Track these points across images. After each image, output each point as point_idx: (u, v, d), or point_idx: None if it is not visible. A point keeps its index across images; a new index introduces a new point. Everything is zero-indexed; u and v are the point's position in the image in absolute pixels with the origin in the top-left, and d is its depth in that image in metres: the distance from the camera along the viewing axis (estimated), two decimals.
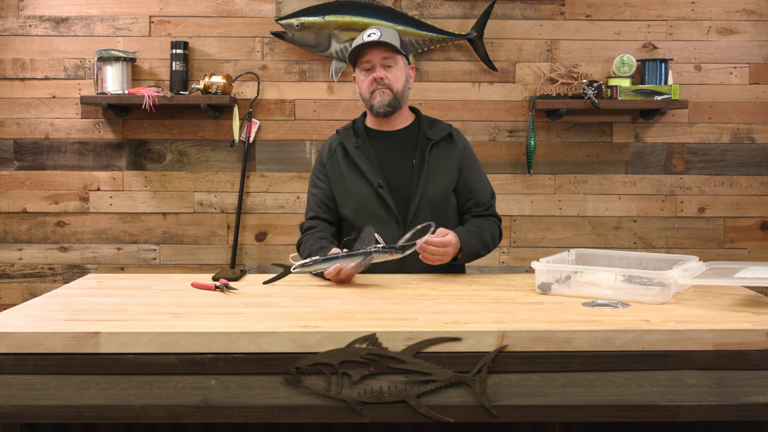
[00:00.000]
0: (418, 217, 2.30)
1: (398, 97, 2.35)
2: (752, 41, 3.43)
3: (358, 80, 2.40)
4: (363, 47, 2.33)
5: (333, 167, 2.40)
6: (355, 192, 2.35)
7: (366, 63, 2.35)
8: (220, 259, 3.48)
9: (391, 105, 2.35)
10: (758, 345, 1.54)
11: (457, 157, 2.41)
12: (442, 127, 2.44)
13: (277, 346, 1.52)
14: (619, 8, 3.43)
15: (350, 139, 2.41)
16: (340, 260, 2.05)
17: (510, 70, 3.45)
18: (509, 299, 1.88)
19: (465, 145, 2.46)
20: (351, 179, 2.36)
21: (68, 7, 3.40)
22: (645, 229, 3.48)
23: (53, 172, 3.45)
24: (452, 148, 2.42)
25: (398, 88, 2.35)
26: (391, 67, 2.35)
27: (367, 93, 2.36)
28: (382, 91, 2.33)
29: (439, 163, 2.38)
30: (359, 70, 2.38)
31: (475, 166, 2.45)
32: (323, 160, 2.44)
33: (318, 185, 2.43)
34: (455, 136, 2.45)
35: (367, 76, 2.35)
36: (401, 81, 2.36)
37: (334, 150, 2.42)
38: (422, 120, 2.46)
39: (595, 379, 1.54)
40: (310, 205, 2.45)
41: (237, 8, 3.42)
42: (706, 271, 1.97)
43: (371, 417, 1.53)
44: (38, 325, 1.59)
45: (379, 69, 2.33)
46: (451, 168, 2.39)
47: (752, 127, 3.46)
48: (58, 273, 3.47)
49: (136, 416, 1.53)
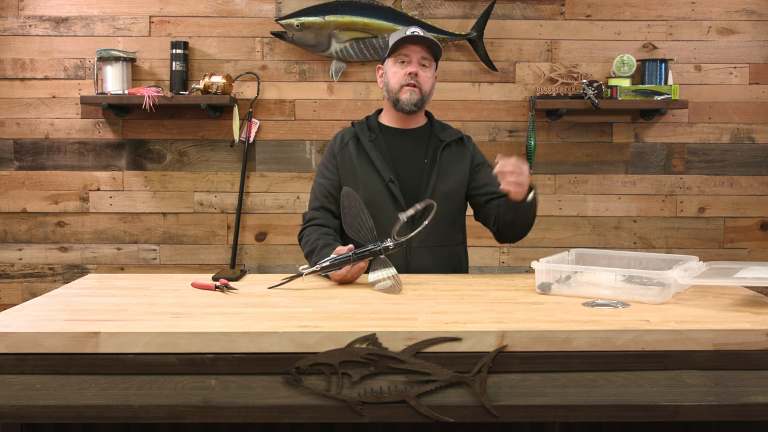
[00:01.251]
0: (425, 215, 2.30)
1: (425, 98, 2.37)
2: (752, 41, 3.43)
3: (388, 71, 2.39)
4: (408, 40, 2.32)
5: (344, 159, 2.40)
6: (366, 185, 2.34)
7: (404, 56, 2.34)
8: (220, 259, 3.48)
9: (417, 105, 2.35)
10: (758, 345, 1.54)
11: (468, 159, 2.42)
12: (453, 131, 2.47)
13: (277, 346, 1.52)
14: (619, 8, 3.43)
15: (365, 133, 2.41)
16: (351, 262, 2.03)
17: (510, 70, 3.45)
18: (509, 299, 1.88)
19: (475, 149, 2.48)
20: (362, 172, 2.36)
21: (68, 7, 3.40)
22: (645, 229, 3.48)
23: (53, 172, 3.45)
24: (463, 150, 2.44)
25: (427, 90, 2.36)
26: (426, 68, 2.36)
27: (396, 86, 2.35)
28: (412, 90, 2.33)
29: (450, 163, 2.39)
30: (393, 60, 2.37)
31: (487, 165, 2.46)
32: (334, 152, 2.43)
33: (326, 175, 2.41)
34: (466, 140, 2.47)
35: (401, 68, 2.35)
36: (430, 84, 2.38)
37: (347, 142, 2.42)
38: (434, 123, 2.48)
39: (595, 379, 1.54)
40: (316, 194, 2.42)
41: (237, 8, 3.42)
42: (706, 271, 1.97)
43: (371, 417, 1.53)
44: (38, 325, 1.59)
45: (414, 65, 2.33)
46: (462, 169, 2.40)
47: (752, 127, 3.46)
48: (58, 273, 3.47)
49: (136, 416, 1.53)
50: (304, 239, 2.33)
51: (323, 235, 2.29)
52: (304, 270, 2.04)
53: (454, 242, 2.42)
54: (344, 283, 2.09)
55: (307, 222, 2.38)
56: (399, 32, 2.37)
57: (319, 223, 2.35)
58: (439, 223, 2.25)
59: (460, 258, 2.44)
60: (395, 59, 2.37)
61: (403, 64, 2.35)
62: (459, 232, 2.44)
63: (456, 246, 2.43)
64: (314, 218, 2.36)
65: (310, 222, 2.36)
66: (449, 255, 2.39)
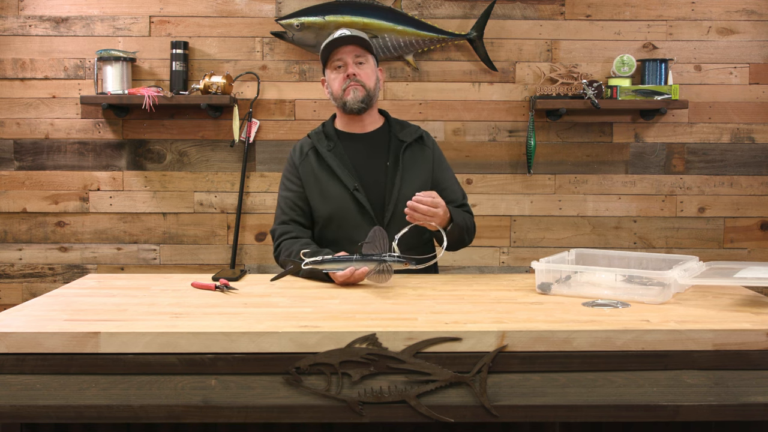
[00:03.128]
0: (394, 219, 2.29)
1: (371, 94, 2.36)
2: (752, 41, 3.43)
3: (328, 80, 2.40)
4: (335, 43, 2.33)
5: (305, 170, 2.38)
6: (331, 195, 2.33)
7: (338, 61, 2.35)
8: (220, 259, 3.48)
9: (364, 101, 2.35)
10: (758, 345, 1.54)
11: (429, 158, 2.42)
12: (412, 129, 2.44)
13: (277, 346, 1.52)
14: (619, 8, 3.43)
15: (322, 142, 2.39)
16: (354, 263, 2.03)
17: (510, 70, 3.45)
18: (509, 299, 1.88)
19: (434, 146, 2.47)
20: (325, 182, 2.34)
21: (68, 7, 3.40)
22: (645, 229, 3.48)
23: (53, 172, 3.45)
24: (424, 149, 2.43)
25: (370, 85, 2.36)
26: (363, 64, 2.36)
27: (339, 90, 2.35)
28: (355, 88, 2.33)
29: (413, 164, 2.38)
30: (330, 69, 2.38)
31: (444, 166, 2.46)
32: (295, 163, 2.41)
33: (290, 188, 2.40)
34: (425, 137, 2.46)
35: (338, 74, 2.35)
36: (373, 79, 2.37)
37: (306, 153, 2.40)
38: (392, 122, 2.46)
39: (595, 379, 1.54)
40: (282, 208, 2.39)
41: (237, 8, 3.42)
42: (706, 271, 1.97)
43: (371, 417, 1.53)
44: (38, 325, 1.59)
45: (351, 66, 2.34)
46: (425, 169, 2.40)
47: (752, 127, 3.46)
48: (58, 273, 3.47)
49: (136, 416, 1.53)
50: (284, 252, 2.29)
51: (305, 245, 2.26)
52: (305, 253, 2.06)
53: (422, 242, 2.38)
54: (345, 284, 2.09)
55: (279, 237, 2.35)
56: (327, 39, 2.36)
57: (293, 236, 2.33)
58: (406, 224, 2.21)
59: None
60: (331, 67, 2.37)
61: (340, 69, 2.35)
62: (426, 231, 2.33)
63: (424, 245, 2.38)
64: (287, 232, 2.34)
65: (284, 236, 2.34)
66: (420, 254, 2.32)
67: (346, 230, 2.31)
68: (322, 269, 2.06)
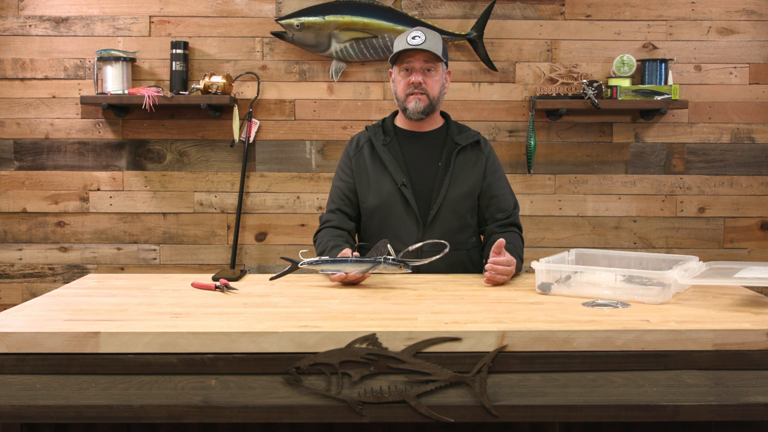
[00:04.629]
0: (438, 219, 2.32)
1: (433, 103, 2.36)
2: (752, 41, 3.43)
3: (395, 79, 2.39)
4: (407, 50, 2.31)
5: (358, 162, 2.41)
6: (379, 188, 2.36)
7: (406, 63, 2.33)
8: (220, 259, 3.48)
9: (425, 111, 2.35)
10: (758, 345, 1.54)
11: (482, 163, 2.41)
12: (470, 133, 2.44)
13: (277, 346, 1.52)
14: (619, 8, 3.43)
15: (378, 136, 2.41)
16: (348, 265, 2.04)
17: (510, 70, 3.45)
18: (509, 299, 1.88)
19: (491, 153, 2.46)
20: (375, 175, 2.37)
21: (68, 7, 3.40)
22: (645, 229, 3.48)
23: (53, 172, 3.45)
24: (479, 154, 2.42)
25: (435, 94, 2.35)
26: (431, 72, 2.34)
27: (402, 94, 2.36)
28: (418, 98, 2.33)
29: (464, 167, 2.38)
30: (398, 69, 2.36)
31: (499, 174, 2.44)
32: (350, 155, 2.45)
33: (342, 178, 2.44)
34: (482, 143, 2.45)
35: (405, 77, 2.34)
36: (438, 87, 2.36)
37: (362, 146, 2.43)
38: (451, 125, 2.47)
39: (595, 379, 1.54)
40: (332, 197, 2.45)
41: (237, 8, 3.42)
42: (706, 271, 1.97)
43: (371, 417, 1.53)
44: (38, 325, 1.59)
45: (418, 74, 2.32)
46: (476, 174, 2.39)
47: (752, 127, 3.46)
48: (58, 273, 3.47)
49: (136, 416, 1.53)
50: (318, 240, 2.36)
51: (335, 236, 2.31)
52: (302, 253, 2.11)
53: (466, 246, 2.40)
54: (345, 284, 2.09)
55: (322, 224, 2.41)
56: (401, 37, 2.34)
57: (334, 225, 2.37)
58: (450, 227, 2.27)
59: (472, 261, 2.42)
60: (399, 68, 2.36)
61: (407, 72, 2.34)
62: (471, 235, 2.42)
63: (468, 250, 2.41)
64: (329, 220, 2.40)
65: (326, 224, 2.40)
66: (460, 259, 2.37)
67: (390, 224, 2.34)
68: (319, 270, 2.10)
